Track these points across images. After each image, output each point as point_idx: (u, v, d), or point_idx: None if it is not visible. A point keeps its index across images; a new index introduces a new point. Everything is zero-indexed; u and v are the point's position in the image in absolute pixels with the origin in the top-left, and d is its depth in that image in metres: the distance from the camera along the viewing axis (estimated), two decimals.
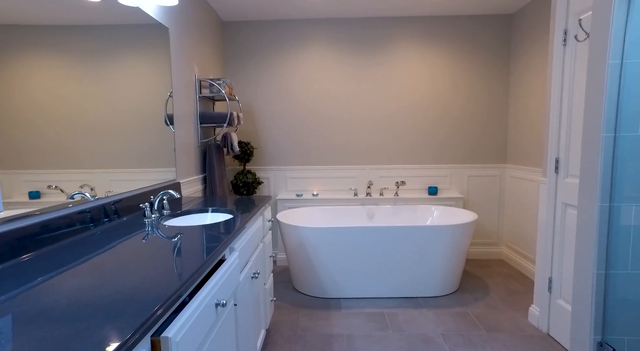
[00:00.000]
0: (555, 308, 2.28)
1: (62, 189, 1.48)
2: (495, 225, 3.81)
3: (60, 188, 1.47)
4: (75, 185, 1.54)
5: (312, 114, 3.78)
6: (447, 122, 3.74)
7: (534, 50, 3.24)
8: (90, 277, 0.98)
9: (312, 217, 3.60)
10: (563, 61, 2.17)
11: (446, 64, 3.68)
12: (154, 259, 1.12)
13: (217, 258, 1.20)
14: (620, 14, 1.55)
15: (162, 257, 1.13)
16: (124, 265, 1.07)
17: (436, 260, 2.86)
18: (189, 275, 0.98)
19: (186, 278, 0.96)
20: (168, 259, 1.11)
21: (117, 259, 1.13)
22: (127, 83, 1.89)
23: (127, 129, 1.89)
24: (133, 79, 1.93)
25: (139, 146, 1.99)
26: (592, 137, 1.64)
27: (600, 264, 1.66)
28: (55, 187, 1.43)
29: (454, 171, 3.77)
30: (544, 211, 2.33)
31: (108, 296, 0.86)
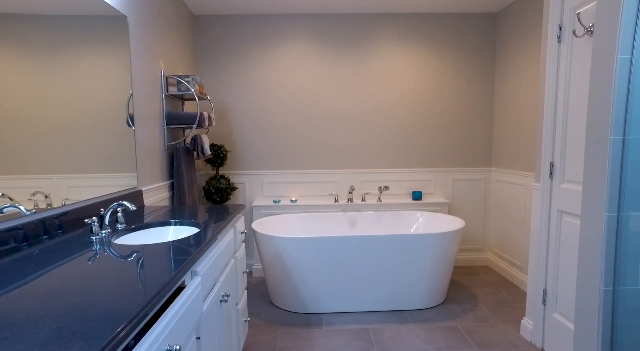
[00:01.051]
0: (551, 322, 2.14)
1: (10, 198, 1.23)
2: (480, 231, 3.69)
3: (9, 196, 1.22)
4: (27, 192, 1.29)
5: (291, 115, 3.56)
6: (431, 123, 3.60)
7: (519, 49, 3.13)
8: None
9: (290, 225, 3.38)
10: (558, 58, 2.04)
11: (430, 63, 3.54)
12: (86, 296, 0.87)
13: (171, 290, 0.97)
14: (631, 3, 1.41)
15: (96, 293, 0.89)
16: (35, 310, 0.82)
17: (423, 270, 2.69)
18: (129, 319, 0.75)
19: (124, 324, 0.73)
20: (103, 297, 0.87)
21: (29, 300, 0.88)
22: (85, 79, 1.64)
23: (86, 130, 1.64)
24: (91, 75, 1.68)
25: (99, 149, 1.74)
26: (598, 140, 1.50)
27: (607, 279, 1.51)
28: (2, 195, 1.19)
29: (438, 174, 3.63)
30: (538, 218, 2.19)
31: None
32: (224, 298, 1.54)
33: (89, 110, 1.68)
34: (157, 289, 0.89)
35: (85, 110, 1.66)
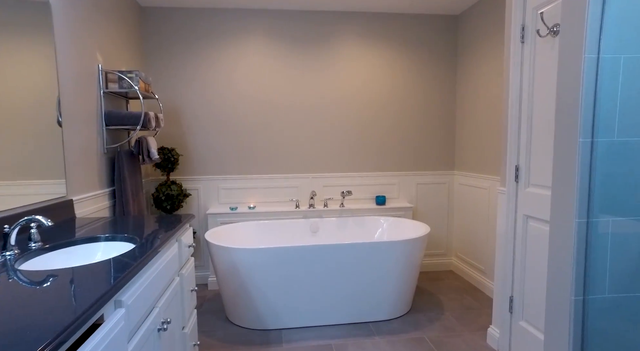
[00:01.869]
0: (517, 331, 2.08)
1: None
2: (444, 235, 3.65)
3: None
4: None
5: (249, 117, 3.36)
6: (394, 126, 3.52)
7: (481, 52, 3.12)
8: None
9: (248, 234, 3.16)
10: (521, 59, 1.99)
11: (394, 65, 3.46)
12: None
13: (75, 334, 0.76)
14: (597, 1, 1.35)
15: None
16: None
17: (388, 279, 2.57)
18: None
19: None
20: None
21: None
22: (5, 73, 1.37)
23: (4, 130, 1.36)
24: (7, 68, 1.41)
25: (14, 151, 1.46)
26: (567, 144, 1.43)
27: (578, 289, 1.44)
28: None
29: (402, 178, 3.56)
30: (503, 223, 2.13)
31: None
32: (163, 326, 1.32)
33: (11, 107, 1.41)
34: (51, 336, 0.68)
35: (6, 107, 1.39)
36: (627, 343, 1.47)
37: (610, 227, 1.43)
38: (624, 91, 1.37)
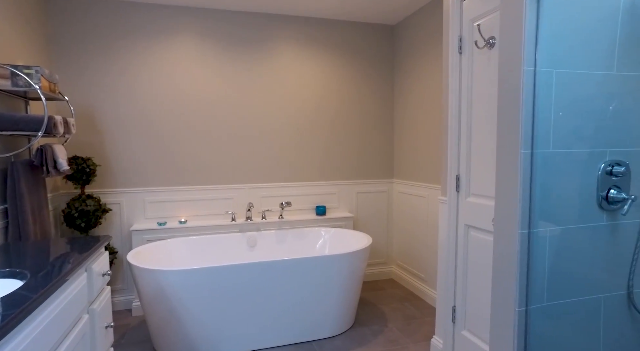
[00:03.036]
0: (460, 340, 2.07)
1: None
2: (384, 244, 3.64)
3: None
4: None
5: (180, 124, 3.07)
6: (333, 135, 3.45)
7: (417, 62, 3.17)
8: None
9: (178, 252, 2.87)
10: (460, 70, 2.00)
11: (332, 72, 3.40)
12: None
13: None
14: (532, 15, 1.37)
15: None
16: None
17: (332, 294, 2.46)
18: None
19: None
20: None
21: None
22: None
23: None
24: None
25: None
26: (509, 155, 1.42)
27: (521, 300, 1.43)
28: None
29: (342, 187, 3.49)
30: (445, 233, 2.13)
31: None
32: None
33: None
34: None
35: None
36: (565, 346, 1.50)
37: (548, 237, 1.44)
38: (557, 104, 1.39)
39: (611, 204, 1.46)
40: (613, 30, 1.40)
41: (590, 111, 1.41)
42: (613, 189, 1.45)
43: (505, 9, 1.40)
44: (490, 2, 1.80)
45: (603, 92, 1.41)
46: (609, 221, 1.49)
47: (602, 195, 1.45)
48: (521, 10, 1.34)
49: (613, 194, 1.45)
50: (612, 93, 1.42)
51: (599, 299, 1.50)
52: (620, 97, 1.43)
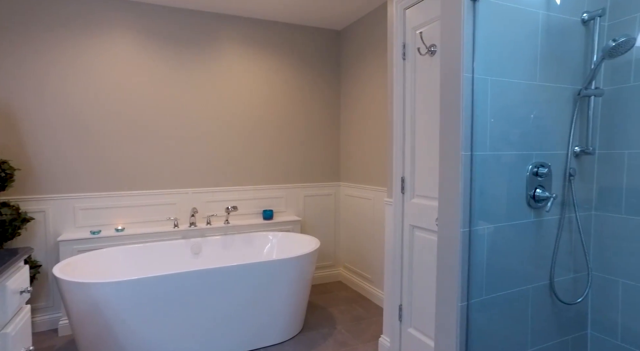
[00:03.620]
0: (407, 338, 2.14)
1: None
2: (332, 246, 3.67)
3: None
4: None
5: (116, 124, 2.87)
6: (279, 137, 3.42)
7: (363, 67, 3.25)
8: None
9: (115, 262, 2.67)
10: (404, 75, 2.08)
11: (277, 75, 3.37)
12: None
13: None
14: (469, 27, 1.46)
15: None
16: None
17: (280, 299, 2.42)
18: None
19: None
20: None
21: None
22: None
23: None
24: None
25: None
26: (451, 157, 1.50)
27: (463, 295, 1.51)
28: None
29: (289, 191, 3.47)
30: (391, 233, 2.19)
31: None
32: None
33: None
34: None
35: None
36: (499, 334, 1.60)
37: (486, 234, 1.54)
38: (492, 109, 1.49)
39: (537, 203, 1.59)
40: (535, 45, 1.53)
41: (518, 117, 1.53)
42: (539, 188, 1.58)
43: (445, 20, 1.48)
44: (431, 12, 1.89)
45: (528, 99, 1.54)
46: (536, 218, 1.62)
47: (530, 194, 1.58)
48: (459, 22, 1.42)
49: (539, 193, 1.58)
50: (535, 101, 1.55)
51: (527, 289, 1.63)
52: (541, 104, 1.57)
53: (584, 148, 1.67)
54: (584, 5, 1.62)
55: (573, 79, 1.62)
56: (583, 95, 1.62)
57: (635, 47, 1.58)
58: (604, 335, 1.72)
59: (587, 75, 1.64)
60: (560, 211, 1.67)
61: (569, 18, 1.59)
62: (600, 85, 1.68)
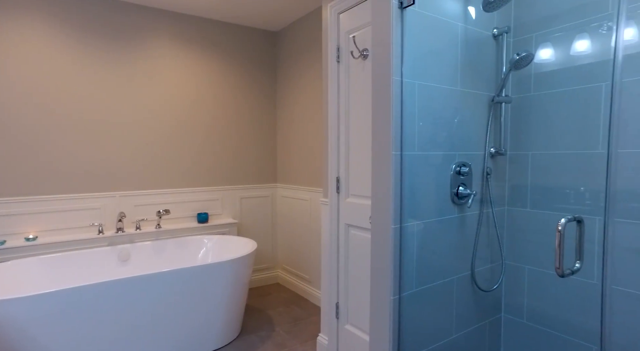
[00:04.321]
0: (344, 335, 2.19)
1: None
2: (269, 248, 3.65)
3: None
4: None
5: (27, 119, 2.58)
6: (215, 138, 3.33)
7: (299, 69, 3.28)
8: None
9: (24, 276, 2.40)
10: (338, 78, 2.14)
11: (211, 74, 3.28)
12: None
13: None
14: (397, 33, 1.54)
15: None
16: None
17: (216, 305, 2.35)
18: None
19: None
20: None
21: None
22: None
23: None
24: None
25: None
26: (382, 156, 1.57)
27: (395, 289, 1.59)
28: None
29: (225, 193, 3.39)
30: (327, 233, 2.23)
31: None
32: None
33: None
34: None
35: None
36: (428, 324, 1.71)
37: (415, 230, 1.64)
38: (419, 111, 1.59)
39: (460, 199, 1.73)
40: (455, 54, 1.67)
41: (442, 119, 1.65)
42: (461, 186, 1.72)
43: (375, 26, 1.55)
44: (363, 17, 1.97)
45: (451, 103, 1.67)
46: (459, 214, 1.75)
47: (453, 192, 1.71)
48: (389, 28, 1.50)
49: (461, 190, 1.71)
50: (457, 105, 1.69)
51: (452, 280, 1.76)
52: (462, 108, 1.71)
53: (498, 149, 1.85)
54: (494, 22, 1.80)
55: (488, 87, 1.79)
56: (496, 101, 1.79)
57: (534, 63, 1.78)
58: (514, 316, 1.92)
59: (498, 83, 1.82)
60: (480, 207, 1.83)
61: (482, 32, 1.75)
62: (510, 93, 1.88)
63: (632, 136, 1.48)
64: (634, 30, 1.47)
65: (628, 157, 1.49)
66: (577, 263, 1.40)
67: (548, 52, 1.73)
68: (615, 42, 1.51)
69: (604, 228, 1.55)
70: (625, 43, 1.49)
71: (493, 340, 1.95)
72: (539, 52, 1.76)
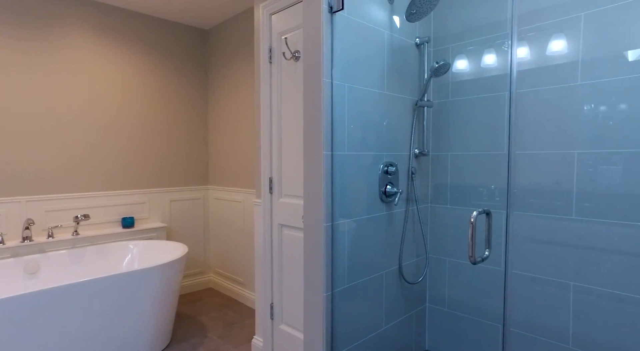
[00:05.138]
0: (279, 335, 2.19)
1: None
2: (201, 252, 3.52)
3: None
4: None
5: None
6: (141, 138, 3.14)
7: (231, 68, 3.22)
8: None
9: None
10: (270, 78, 2.14)
11: (138, 70, 3.09)
12: None
13: None
14: (328, 37, 1.59)
15: None
16: None
17: (143, 314, 2.21)
18: None
19: None
20: None
21: None
22: None
23: None
24: None
25: None
26: (314, 156, 1.60)
27: (327, 286, 1.63)
28: None
29: (153, 196, 3.20)
30: (261, 233, 2.22)
31: None
32: None
33: None
34: None
35: None
36: (359, 317, 1.78)
37: (347, 228, 1.69)
38: (349, 112, 1.66)
39: (388, 198, 1.83)
40: (382, 60, 1.76)
41: (370, 120, 1.73)
42: (389, 185, 1.82)
43: (307, 29, 1.59)
44: (295, 19, 1.99)
45: (378, 106, 1.76)
46: (387, 212, 1.85)
47: (382, 190, 1.80)
48: (319, 31, 1.54)
49: (389, 189, 1.81)
50: (384, 107, 1.78)
51: (381, 275, 1.85)
52: (389, 111, 1.81)
53: (422, 150, 1.98)
54: (416, 32, 1.93)
55: (412, 92, 1.92)
56: (419, 105, 1.93)
57: (451, 71, 1.95)
58: (437, 305, 2.07)
59: (421, 89, 1.95)
60: (406, 204, 1.94)
61: (406, 40, 1.87)
62: (431, 98, 2.03)
63: (527, 139, 1.69)
64: (526, 49, 1.68)
65: (524, 158, 1.69)
66: (486, 251, 1.55)
67: (463, 63, 1.89)
68: (511, 58, 1.71)
69: (506, 220, 1.74)
70: (519, 60, 1.69)
71: (419, 329, 2.08)
72: (456, 62, 1.92)
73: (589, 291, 1.55)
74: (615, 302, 1.50)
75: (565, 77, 1.58)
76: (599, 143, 1.51)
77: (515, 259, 1.73)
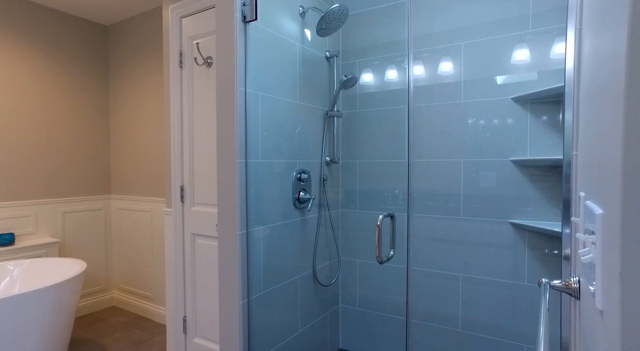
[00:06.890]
0: (193, 349, 2.10)
1: None
2: (102, 268, 3.21)
3: None
4: None
5: None
6: (28, 143, 2.77)
7: (136, 70, 3.01)
8: None
9: None
10: (181, 83, 2.07)
11: (26, 66, 2.72)
12: None
13: None
14: (241, 46, 1.60)
15: None
16: None
17: (26, 345, 1.94)
18: None
19: None
20: None
21: None
22: None
23: None
24: None
25: None
26: (227, 163, 1.59)
27: (243, 293, 1.62)
28: None
29: (41, 207, 2.84)
30: (172, 244, 2.12)
31: None
32: None
33: None
34: None
35: None
36: (276, 323, 1.81)
37: (261, 235, 1.71)
38: (263, 120, 1.69)
39: (301, 204, 1.89)
40: (295, 71, 1.83)
41: (284, 128, 1.78)
42: (302, 191, 1.88)
43: (220, 36, 1.58)
44: (207, 24, 1.96)
45: (291, 115, 1.82)
46: (300, 217, 1.91)
47: (295, 197, 1.86)
48: (233, 39, 1.54)
49: (302, 195, 1.87)
50: (297, 116, 1.85)
51: (296, 279, 1.90)
52: (302, 120, 1.88)
53: (332, 158, 2.09)
54: (326, 46, 2.04)
55: (323, 102, 2.02)
56: (330, 115, 2.03)
57: (359, 84, 2.10)
58: (349, 305, 2.19)
59: (331, 100, 2.06)
60: (318, 210, 2.02)
61: (317, 53, 1.97)
62: (341, 108, 2.15)
63: (424, 149, 1.89)
64: (422, 68, 1.89)
65: (421, 165, 1.90)
66: (391, 251, 1.70)
67: (369, 76, 2.05)
68: (408, 75, 1.91)
69: (407, 222, 1.93)
70: (415, 77, 1.90)
71: (333, 329, 2.17)
72: (362, 75, 2.07)
73: (472, 280, 1.79)
74: (490, 287, 1.75)
75: (453, 95, 1.81)
76: (479, 153, 1.76)
77: (415, 257, 1.92)
